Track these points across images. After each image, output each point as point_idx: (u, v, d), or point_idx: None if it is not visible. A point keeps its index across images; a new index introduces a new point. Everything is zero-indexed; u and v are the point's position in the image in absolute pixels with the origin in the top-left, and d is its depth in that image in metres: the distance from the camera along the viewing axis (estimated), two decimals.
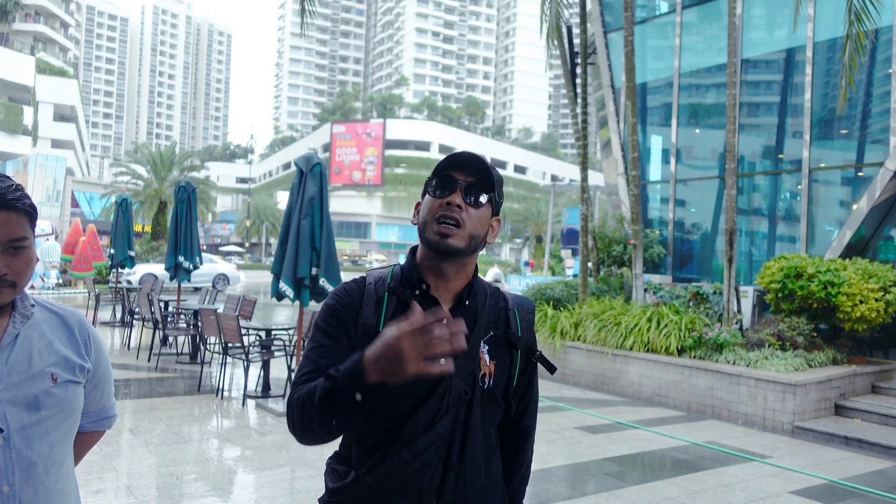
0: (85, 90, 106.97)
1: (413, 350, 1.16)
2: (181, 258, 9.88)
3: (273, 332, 7.99)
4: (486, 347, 1.49)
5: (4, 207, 1.27)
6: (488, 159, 1.53)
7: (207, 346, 8.71)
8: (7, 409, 1.28)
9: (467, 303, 1.49)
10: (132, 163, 37.37)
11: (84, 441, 1.56)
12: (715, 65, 12.04)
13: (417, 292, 1.46)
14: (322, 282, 6.52)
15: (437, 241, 1.42)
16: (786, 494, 5.09)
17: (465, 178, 1.45)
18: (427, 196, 1.50)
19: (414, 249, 1.54)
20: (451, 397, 1.41)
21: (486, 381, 1.47)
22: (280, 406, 7.01)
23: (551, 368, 1.57)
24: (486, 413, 1.48)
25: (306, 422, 1.33)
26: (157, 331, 9.78)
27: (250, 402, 7.29)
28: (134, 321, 11.60)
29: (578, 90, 12.05)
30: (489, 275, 18.51)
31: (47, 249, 20.84)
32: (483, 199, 1.46)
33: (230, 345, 7.42)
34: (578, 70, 12.20)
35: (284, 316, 16.09)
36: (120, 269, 15.01)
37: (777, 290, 8.54)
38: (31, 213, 1.32)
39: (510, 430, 1.59)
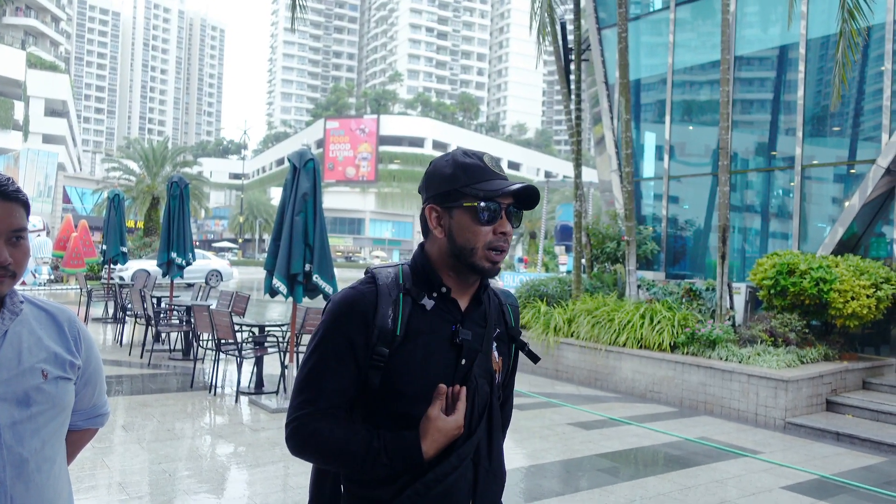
0: (76, 85, 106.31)
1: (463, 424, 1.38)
2: (174, 254, 9.84)
3: (266, 329, 7.97)
4: (495, 345, 1.52)
5: (7, 199, 1.31)
6: None
7: (200, 343, 8.69)
8: None
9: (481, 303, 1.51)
10: (124, 158, 37.19)
11: (76, 439, 1.56)
12: (708, 61, 12.06)
13: (435, 294, 1.45)
14: (315, 278, 6.50)
15: (490, 269, 1.43)
16: (777, 490, 5.12)
17: (505, 200, 1.44)
18: (465, 216, 1.42)
19: (423, 246, 1.51)
20: (481, 400, 1.45)
21: (498, 377, 1.51)
22: (273, 402, 6.99)
23: (535, 358, 1.58)
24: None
25: (321, 461, 1.42)
26: (149, 327, 9.74)
27: (243, 399, 7.28)
28: (126, 317, 11.56)
29: (572, 86, 12.05)
30: None
31: (38, 245, 20.72)
32: (521, 218, 1.49)
33: (223, 341, 7.39)
34: (572, 66, 12.19)
35: (278, 312, 16.06)
36: (112, 265, 14.93)
37: (769, 286, 8.58)
38: (28, 206, 1.37)
39: None
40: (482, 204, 1.41)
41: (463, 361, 1.43)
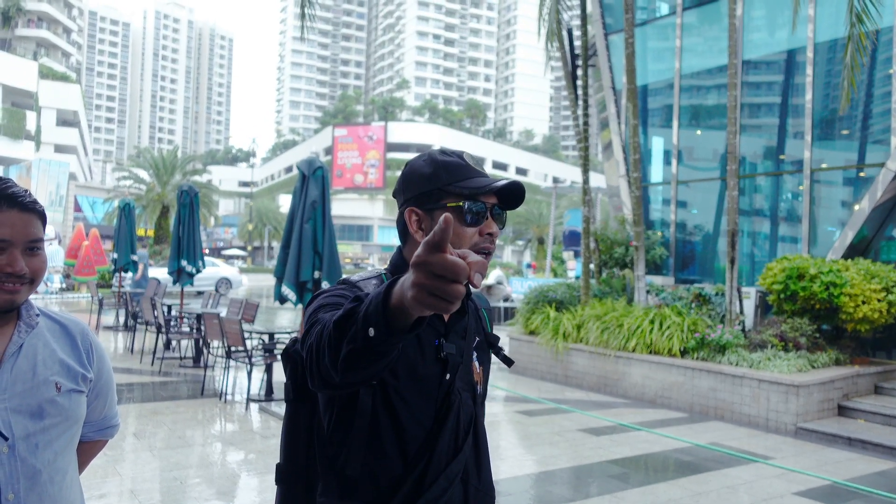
0: (87, 95, 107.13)
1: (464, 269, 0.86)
2: (184, 262, 9.90)
3: (276, 336, 8.00)
4: (475, 354, 1.45)
5: (25, 210, 1.33)
6: (489, 162, 1.44)
7: (210, 350, 8.73)
8: (12, 417, 1.30)
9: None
10: (135, 167, 37.50)
11: (87, 450, 1.58)
12: (716, 66, 12.04)
13: None
14: (324, 285, 6.54)
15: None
16: (789, 496, 5.09)
17: (489, 199, 1.35)
18: (452, 219, 1.31)
19: (401, 252, 1.42)
20: (465, 414, 1.36)
21: (479, 387, 1.44)
22: (283, 409, 7.01)
23: (509, 362, 1.51)
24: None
25: (322, 354, 1.08)
26: (160, 335, 9.80)
27: (253, 406, 7.31)
28: (137, 325, 11.63)
29: (579, 92, 12.06)
30: (491, 277, 18.51)
31: (51, 254, 20.89)
32: (505, 219, 1.40)
33: (233, 348, 7.43)
34: (579, 72, 12.21)
35: (287, 319, 16.10)
36: (123, 274, 15.03)
37: (779, 291, 8.53)
38: (44, 217, 1.40)
39: None
40: (467, 204, 1.31)
41: (447, 376, 1.35)
